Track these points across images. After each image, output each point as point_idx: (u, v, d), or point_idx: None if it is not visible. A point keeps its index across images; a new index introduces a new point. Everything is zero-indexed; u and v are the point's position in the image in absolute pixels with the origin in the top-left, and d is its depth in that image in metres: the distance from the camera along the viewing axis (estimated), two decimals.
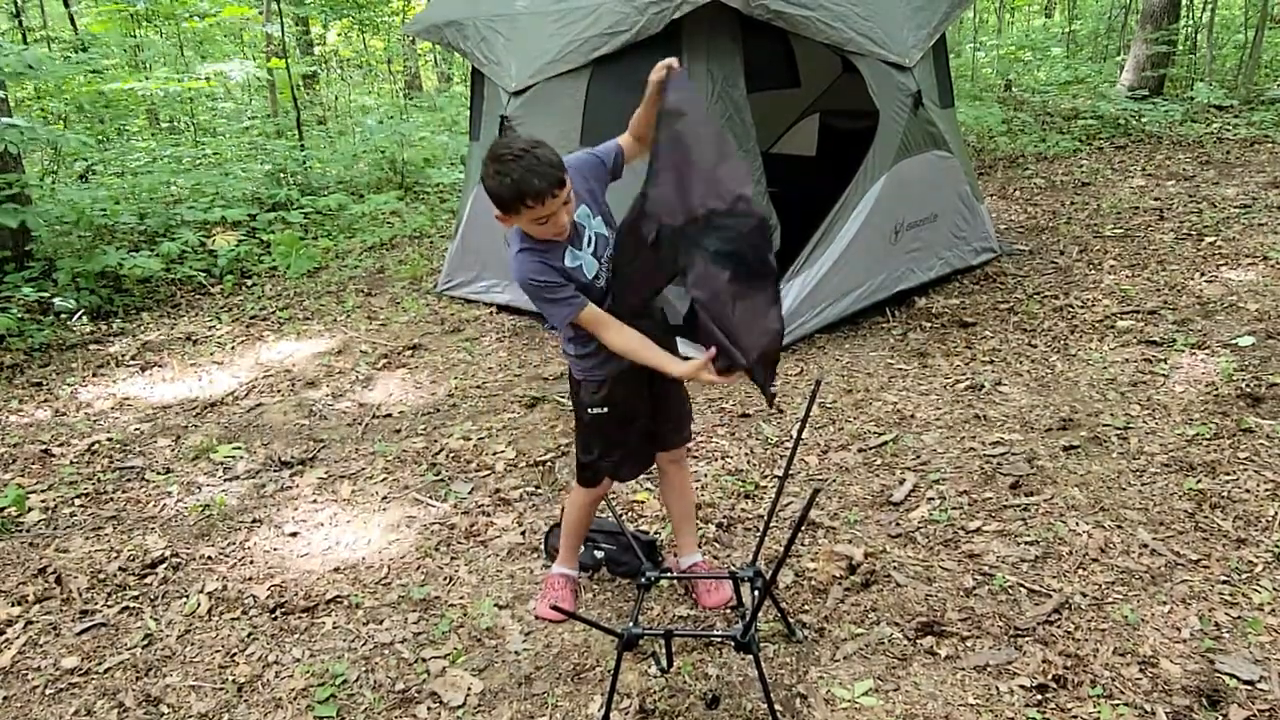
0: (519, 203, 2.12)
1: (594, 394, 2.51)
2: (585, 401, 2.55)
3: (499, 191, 2.13)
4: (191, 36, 12.77)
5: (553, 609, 2.68)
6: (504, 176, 2.10)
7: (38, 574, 3.18)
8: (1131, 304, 4.96)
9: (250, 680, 2.62)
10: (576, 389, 2.58)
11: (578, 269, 2.31)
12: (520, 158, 2.09)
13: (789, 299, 4.63)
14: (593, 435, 2.59)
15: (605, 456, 2.61)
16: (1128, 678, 2.36)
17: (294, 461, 3.92)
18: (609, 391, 2.49)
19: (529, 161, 2.09)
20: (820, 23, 4.47)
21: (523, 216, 2.16)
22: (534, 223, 2.18)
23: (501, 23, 5.24)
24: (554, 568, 2.88)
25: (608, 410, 2.52)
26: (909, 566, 2.90)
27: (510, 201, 2.13)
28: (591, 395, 2.52)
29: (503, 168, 2.10)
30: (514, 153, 2.10)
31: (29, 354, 5.49)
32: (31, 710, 2.56)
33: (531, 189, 2.09)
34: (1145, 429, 3.62)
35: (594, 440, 2.60)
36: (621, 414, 2.54)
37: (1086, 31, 15.17)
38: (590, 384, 2.52)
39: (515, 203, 2.12)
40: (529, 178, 2.08)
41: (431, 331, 5.46)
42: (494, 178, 2.12)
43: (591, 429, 2.58)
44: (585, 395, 2.54)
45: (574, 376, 2.58)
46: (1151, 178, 7.75)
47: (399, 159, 9.72)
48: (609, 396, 2.50)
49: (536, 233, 2.22)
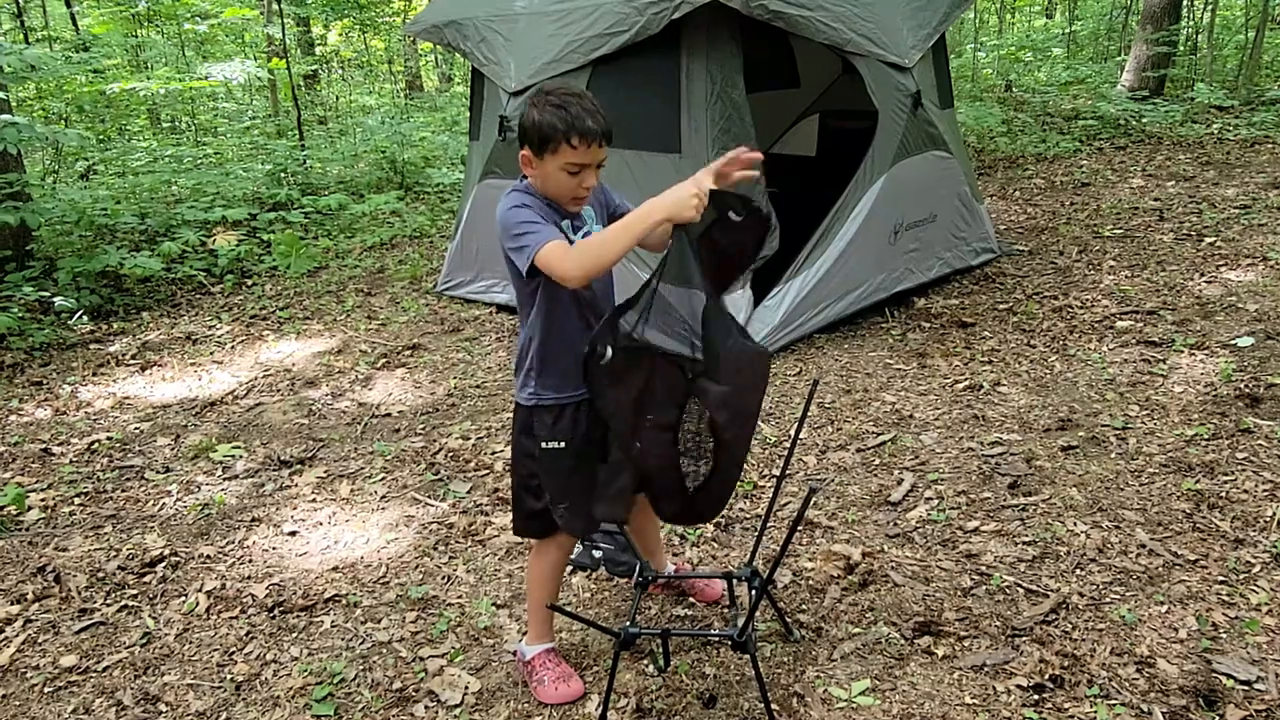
0: (565, 138, 1.99)
1: (549, 426, 2.23)
2: (540, 434, 2.25)
3: (548, 121, 1.99)
4: (193, 37, 12.79)
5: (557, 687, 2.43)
6: (559, 109, 1.99)
7: (37, 572, 3.18)
8: (1131, 304, 4.96)
9: (248, 679, 2.62)
10: (525, 421, 2.29)
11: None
12: (580, 98, 2.02)
13: (788, 299, 4.64)
14: (546, 476, 2.28)
15: (558, 502, 2.28)
16: (1125, 678, 2.37)
17: (293, 461, 3.93)
18: (567, 421, 2.23)
19: (587, 104, 2.01)
20: (820, 23, 4.48)
21: (559, 156, 2.02)
22: (565, 168, 2.03)
23: (501, 23, 5.25)
24: (528, 647, 2.51)
25: (564, 445, 2.24)
26: (906, 566, 2.90)
27: (555, 135, 1.99)
28: (546, 428, 2.24)
29: (557, 99, 2.00)
30: (572, 92, 2.03)
31: (29, 353, 5.50)
32: (30, 708, 2.57)
33: (584, 126, 1.99)
34: (1144, 429, 3.62)
35: (549, 484, 2.28)
36: (579, 449, 2.25)
37: (1087, 32, 15.17)
38: (543, 410, 2.24)
39: (561, 138, 1.99)
40: (584, 116, 1.99)
41: (431, 331, 5.47)
42: (545, 109, 2.00)
43: (546, 469, 2.27)
44: (539, 426, 2.25)
45: (522, 405, 2.29)
46: (1151, 178, 7.75)
47: (399, 159, 9.73)
48: (566, 428, 2.23)
49: (557, 186, 2.08)
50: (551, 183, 2.09)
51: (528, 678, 2.49)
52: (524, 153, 2.09)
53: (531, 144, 2.06)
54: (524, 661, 2.51)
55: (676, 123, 4.51)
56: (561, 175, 2.06)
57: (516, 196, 2.12)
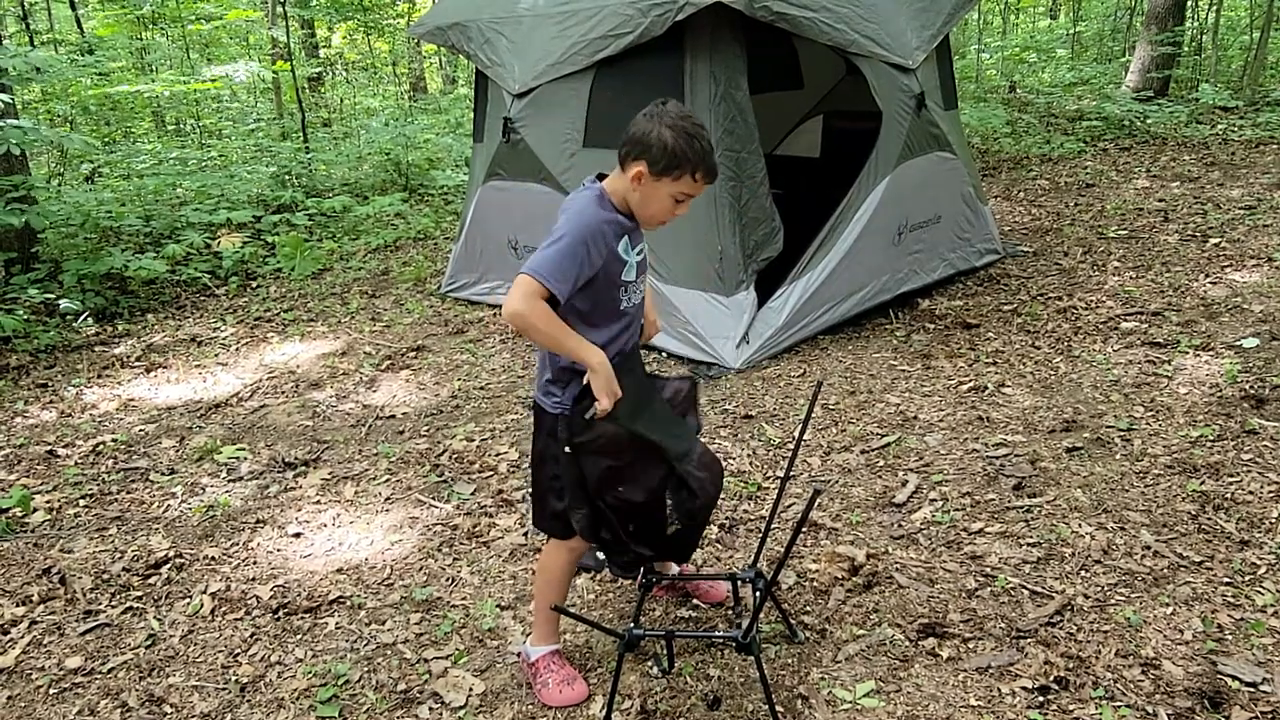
0: (693, 171, 2.06)
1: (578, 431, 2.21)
2: (563, 439, 2.23)
3: (686, 149, 2.04)
4: (197, 39, 12.82)
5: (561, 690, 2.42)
6: (692, 140, 2.05)
7: (42, 574, 3.19)
8: (1135, 305, 4.95)
9: (253, 680, 2.62)
10: (550, 426, 2.27)
11: (624, 265, 2.17)
12: (706, 132, 2.09)
13: (792, 301, 4.64)
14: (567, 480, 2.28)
15: (576, 508, 2.29)
16: (1130, 679, 2.36)
17: (297, 462, 3.93)
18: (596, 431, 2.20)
19: (710, 141, 2.09)
20: (823, 24, 4.48)
21: (678, 184, 2.08)
22: (676, 195, 2.10)
23: (505, 25, 5.26)
24: (533, 648, 2.50)
25: None
26: (911, 568, 2.89)
27: (684, 165, 2.05)
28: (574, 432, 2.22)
29: (690, 129, 2.05)
30: (699, 122, 2.09)
31: (35, 355, 5.52)
32: (35, 710, 2.57)
33: (710, 164, 2.08)
34: (1149, 431, 3.62)
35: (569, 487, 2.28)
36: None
37: (1091, 33, 15.16)
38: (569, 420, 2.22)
39: (689, 169, 2.06)
40: (710, 154, 2.07)
41: (435, 333, 5.47)
42: (686, 137, 2.04)
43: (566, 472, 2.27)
44: (563, 432, 2.22)
45: (547, 412, 2.27)
46: (1156, 179, 7.73)
47: (403, 161, 9.75)
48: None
49: (656, 206, 2.12)
50: (654, 203, 2.12)
51: (532, 679, 2.49)
52: (639, 169, 2.08)
53: (654, 164, 2.06)
54: (528, 663, 2.50)
55: None
56: (668, 200, 2.11)
57: (591, 202, 2.12)
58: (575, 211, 2.11)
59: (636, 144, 2.08)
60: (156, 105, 11.69)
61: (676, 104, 2.11)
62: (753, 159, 4.47)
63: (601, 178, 2.19)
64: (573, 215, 2.10)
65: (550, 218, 2.18)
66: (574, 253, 2.04)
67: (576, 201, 2.14)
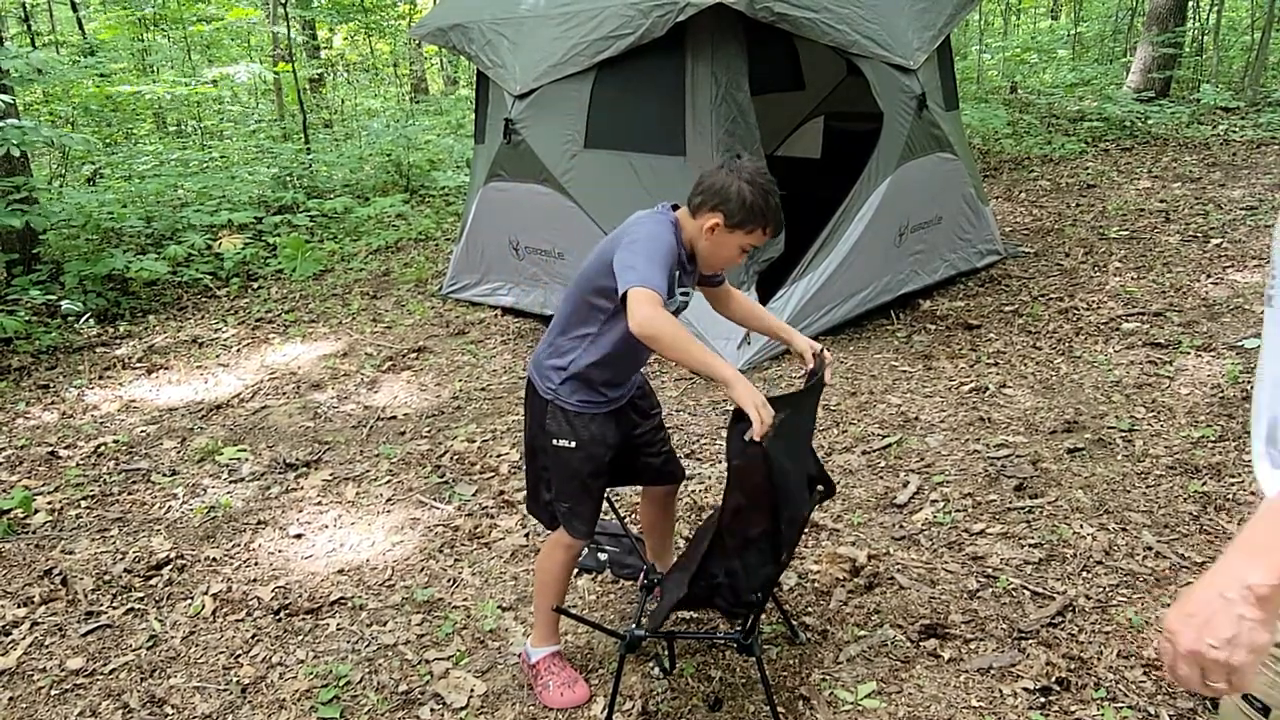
0: (762, 225, 2.11)
1: (563, 425, 2.26)
2: (552, 430, 2.28)
3: (763, 207, 2.09)
4: (198, 40, 12.83)
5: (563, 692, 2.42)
6: (767, 196, 2.10)
7: (44, 575, 3.19)
8: (1137, 306, 4.95)
9: (254, 681, 2.62)
10: (540, 413, 2.30)
11: (670, 300, 2.16)
12: (776, 187, 2.13)
13: (794, 302, 4.64)
14: (553, 471, 2.32)
15: (561, 500, 2.33)
16: (1131, 680, 2.36)
17: (299, 464, 3.93)
18: (582, 426, 2.26)
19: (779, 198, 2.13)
20: (824, 25, 4.48)
21: (749, 237, 2.13)
22: (744, 246, 2.15)
23: (506, 26, 5.26)
24: (534, 649, 2.49)
25: (574, 446, 2.27)
26: (912, 569, 2.89)
27: (758, 221, 2.10)
28: (560, 425, 2.26)
29: (765, 185, 2.10)
30: (771, 179, 2.13)
31: (36, 356, 5.52)
32: (37, 711, 2.58)
33: (778, 221, 2.13)
34: (1150, 431, 3.61)
35: (556, 479, 2.32)
36: (586, 457, 2.28)
37: (1093, 34, 15.15)
38: (559, 410, 2.27)
39: (759, 222, 2.10)
40: (779, 211, 2.12)
41: (436, 334, 5.47)
42: (763, 194, 2.09)
43: (555, 464, 2.31)
44: (553, 421, 2.27)
45: (539, 394, 2.30)
46: (1157, 180, 7.73)
47: (404, 162, 9.75)
48: (580, 431, 2.26)
49: (724, 254, 2.16)
50: (722, 251, 2.16)
51: (533, 681, 2.49)
52: (715, 220, 2.10)
53: (730, 216, 2.09)
54: (529, 664, 2.50)
55: (681, 125, 4.51)
56: (734, 250, 2.16)
57: (668, 229, 2.14)
58: (650, 235, 2.10)
59: (714, 195, 2.10)
60: (158, 106, 11.69)
61: (752, 159, 2.17)
62: (754, 160, 4.46)
63: (675, 207, 2.21)
64: (651, 234, 2.10)
65: (551, 218, 2.20)
66: (664, 265, 2.04)
67: (650, 224, 2.14)
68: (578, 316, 2.25)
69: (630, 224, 2.19)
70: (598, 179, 4.90)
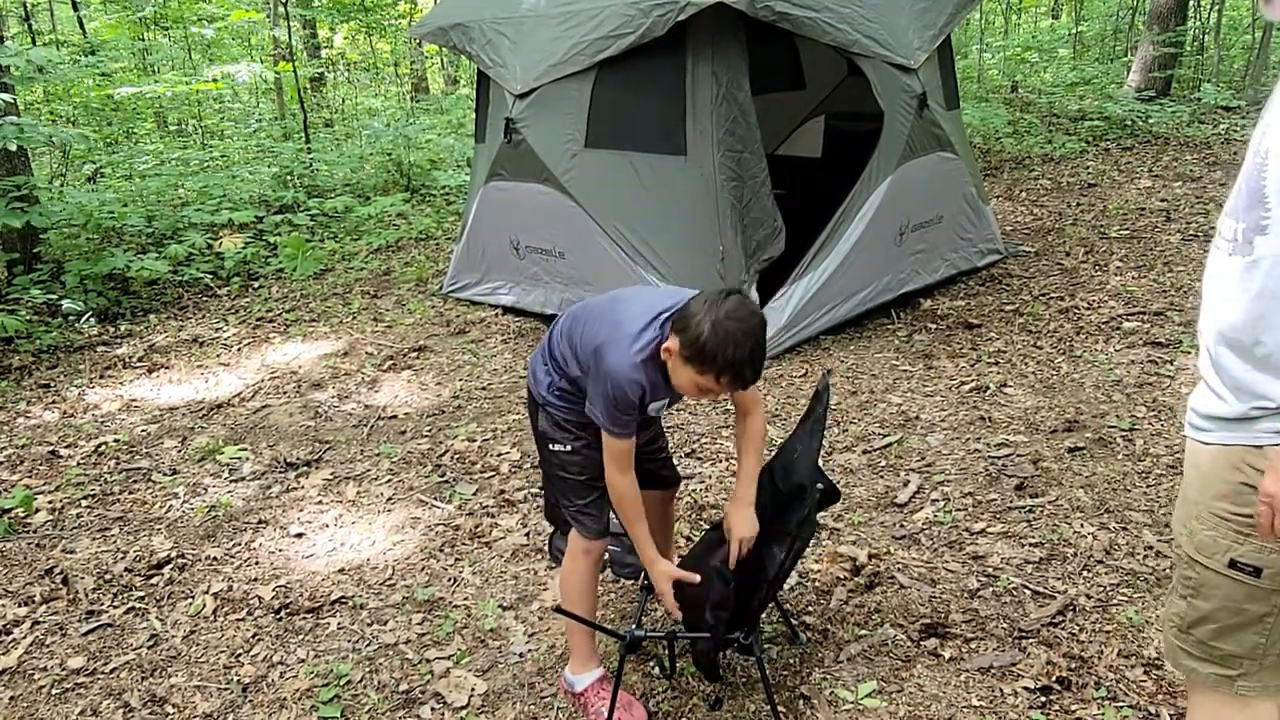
0: (720, 373, 1.98)
1: (557, 429, 2.28)
2: (546, 433, 2.30)
3: (715, 352, 1.95)
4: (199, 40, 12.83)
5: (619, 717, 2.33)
6: (733, 349, 1.95)
7: (44, 575, 3.19)
8: (1137, 305, 4.94)
9: (255, 680, 2.62)
10: (535, 413, 2.33)
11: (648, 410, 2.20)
12: (756, 344, 1.99)
13: (794, 301, 4.64)
14: (553, 473, 2.35)
15: (566, 500, 2.35)
16: (1132, 680, 2.36)
17: (299, 463, 3.93)
18: (577, 430, 2.26)
19: (756, 352, 1.99)
20: (825, 24, 4.47)
21: (703, 378, 2.00)
22: (697, 382, 2.03)
23: (507, 25, 5.26)
24: (575, 676, 2.40)
25: (569, 450, 2.29)
26: (913, 568, 2.89)
27: (711, 366, 1.97)
28: (555, 429, 2.28)
29: (738, 341, 1.96)
30: (755, 336, 1.99)
31: (37, 356, 5.52)
32: (38, 710, 2.58)
33: (739, 375, 2.00)
34: (1150, 430, 3.61)
35: (557, 480, 2.35)
36: (584, 460, 2.29)
37: (1093, 33, 15.13)
38: (553, 413, 2.28)
39: (718, 369, 1.97)
40: (745, 368, 1.99)
41: (437, 333, 5.47)
42: (723, 340, 1.95)
43: (555, 465, 2.33)
44: (546, 424, 2.30)
45: (535, 397, 2.32)
46: (1158, 179, 7.72)
47: (405, 161, 9.74)
48: (576, 435, 2.27)
49: (685, 385, 2.07)
50: (680, 379, 2.07)
51: (582, 712, 2.38)
52: (672, 344, 2.03)
53: (684, 348, 2.00)
54: (573, 693, 2.39)
55: (682, 125, 4.51)
56: (688, 382, 2.05)
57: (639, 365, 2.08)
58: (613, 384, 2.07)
59: (682, 319, 2.02)
60: (158, 106, 11.70)
61: (739, 299, 2.02)
62: (754, 159, 4.46)
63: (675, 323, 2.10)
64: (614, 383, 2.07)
65: (552, 218, 2.20)
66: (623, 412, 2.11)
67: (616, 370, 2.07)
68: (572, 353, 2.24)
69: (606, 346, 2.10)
70: (598, 178, 4.90)
